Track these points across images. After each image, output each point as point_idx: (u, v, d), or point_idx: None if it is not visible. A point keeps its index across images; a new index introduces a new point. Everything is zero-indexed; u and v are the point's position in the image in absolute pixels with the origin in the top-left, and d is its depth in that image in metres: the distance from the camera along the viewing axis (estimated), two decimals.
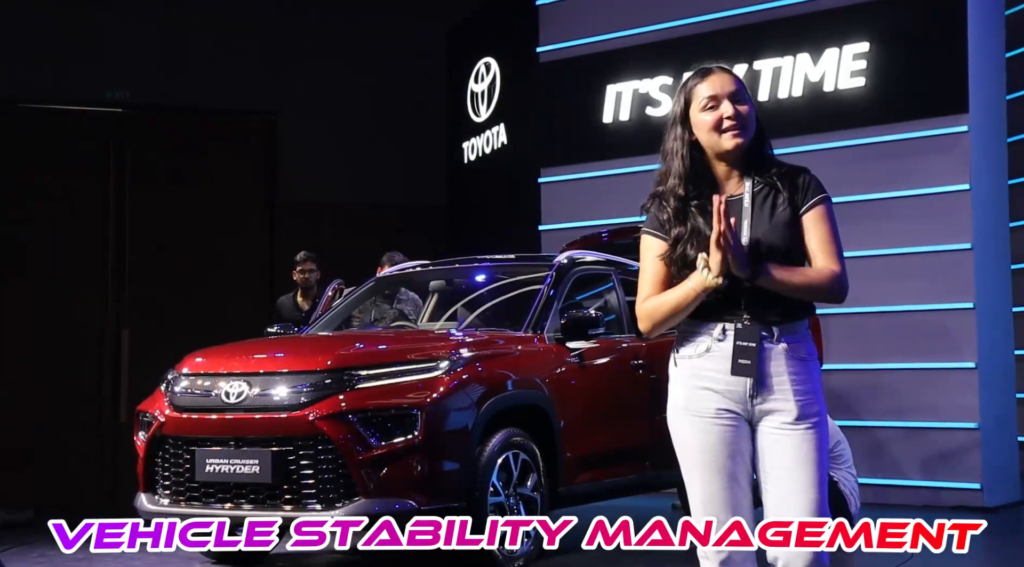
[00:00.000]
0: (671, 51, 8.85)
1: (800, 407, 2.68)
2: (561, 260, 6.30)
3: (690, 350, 2.75)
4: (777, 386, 2.68)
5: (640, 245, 2.84)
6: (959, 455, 7.54)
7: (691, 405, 2.73)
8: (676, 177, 2.75)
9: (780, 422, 2.68)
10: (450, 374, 5.12)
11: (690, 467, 2.75)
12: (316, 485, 4.93)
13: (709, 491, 2.71)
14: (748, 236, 2.69)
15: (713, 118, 2.71)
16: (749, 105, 2.74)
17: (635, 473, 6.15)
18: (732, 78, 2.75)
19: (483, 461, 5.12)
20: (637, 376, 6.14)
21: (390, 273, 6.89)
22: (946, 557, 5.90)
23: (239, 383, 5.17)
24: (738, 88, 2.73)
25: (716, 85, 2.73)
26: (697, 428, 2.72)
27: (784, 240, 2.70)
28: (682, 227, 2.72)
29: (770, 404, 2.69)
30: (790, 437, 2.67)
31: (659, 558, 5.97)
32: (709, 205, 2.64)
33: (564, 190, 9.38)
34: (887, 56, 7.87)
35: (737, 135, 2.71)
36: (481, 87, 10.63)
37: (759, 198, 2.73)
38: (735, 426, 2.71)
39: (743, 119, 2.71)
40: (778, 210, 2.71)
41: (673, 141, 2.77)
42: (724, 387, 2.70)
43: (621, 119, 9.12)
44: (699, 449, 2.72)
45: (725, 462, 2.70)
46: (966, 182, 7.49)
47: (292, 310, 7.98)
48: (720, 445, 2.70)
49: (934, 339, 7.62)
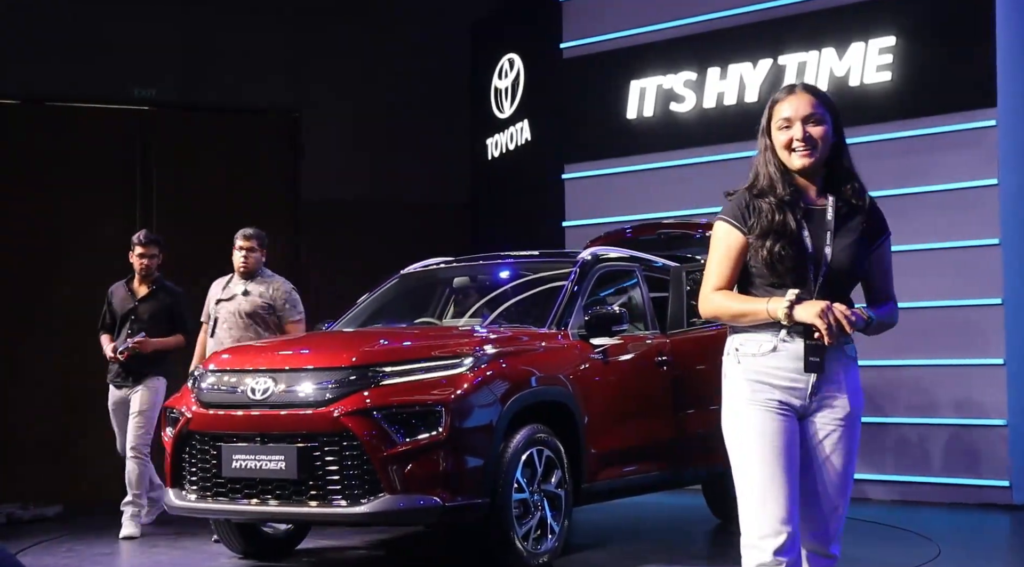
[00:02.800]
0: (695, 46, 8.83)
1: (850, 403, 2.91)
2: (585, 256, 6.28)
3: (754, 348, 2.90)
4: (834, 383, 2.90)
5: (713, 232, 3.00)
6: (987, 452, 7.48)
7: (755, 397, 2.89)
8: (770, 179, 2.93)
9: (832, 417, 2.90)
10: (474, 371, 5.13)
11: (749, 453, 2.88)
12: (341, 481, 4.94)
13: (769, 474, 2.84)
14: (831, 248, 2.88)
15: (785, 138, 2.92)
16: (826, 125, 2.91)
17: (659, 470, 6.13)
18: (811, 99, 2.92)
19: (507, 457, 5.12)
20: (661, 372, 6.13)
21: (414, 269, 6.90)
22: (973, 555, 5.86)
23: (265, 379, 5.19)
24: (814, 111, 2.90)
25: (792, 107, 2.92)
26: (761, 417, 2.87)
27: (855, 261, 2.91)
28: (779, 216, 2.87)
29: (826, 400, 2.90)
30: (838, 432, 2.90)
31: (681, 555, 5.98)
32: (798, 209, 2.88)
33: (588, 186, 9.37)
34: (913, 50, 7.81)
35: (805, 157, 2.90)
36: (505, 83, 10.63)
37: (841, 215, 2.93)
38: (792, 418, 2.89)
39: (813, 142, 2.90)
40: (856, 233, 2.92)
41: (763, 151, 2.98)
42: (788, 384, 2.88)
43: (645, 115, 9.10)
44: (761, 434, 2.86)
45: (786, 447, 2.86)
46: (994, 177, 7.43)
47: (125, 299, 6.93)
48: (781, 433, 2.86)
49: (962, 335, 7.56)
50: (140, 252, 6.91)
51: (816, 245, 2.87)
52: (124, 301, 6.94)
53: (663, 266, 6.61)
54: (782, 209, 2.88)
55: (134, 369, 6.80)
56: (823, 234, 2.89)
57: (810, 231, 2.88)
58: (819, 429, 2.90)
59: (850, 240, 2.90)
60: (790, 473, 2.84)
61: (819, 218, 2.90)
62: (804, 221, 2.88)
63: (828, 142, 2.91)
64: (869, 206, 2.95)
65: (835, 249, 2.88)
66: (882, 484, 7.87)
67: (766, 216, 2.88)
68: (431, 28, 10.75)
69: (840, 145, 2.95)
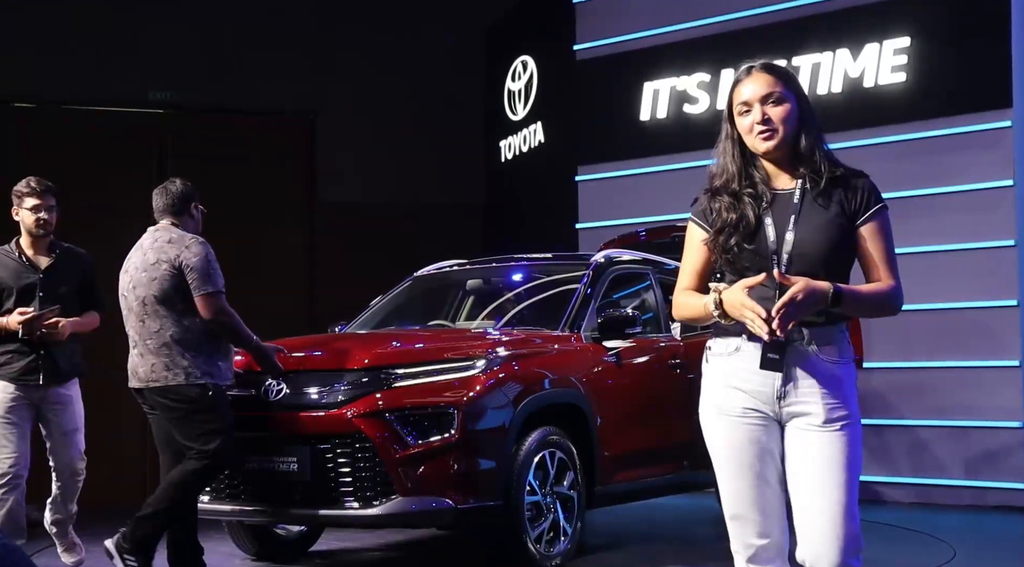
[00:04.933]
0: (709, 48, 8.82)
1: (827, 410, 2.67)
2: (598, 259, 6.28)
3: (721, 348, 2.77)
4: (805, 388, 2.68)
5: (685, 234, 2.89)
6: (1003, 454, 7.44)
7: (721, 403, 2.76)
8: (729, 173, 2.80)
9: (806, 424, 2.69)
10: (487, 373, 5.13)
11: (719, 464, 2.79)
12: (354, 483, 4.95)
13: (735, 488, 2.75)
14: (793, 234, 2.69)
15: (747, 124, 2.76)
16: (789, 104, 2.75)
17: (673, 473, 6.12)
18: (769, 79, 2.76)
19: (520, 460, 5.12)
20: (674, 375, 6.12)
21: (428, 271, 6.91)
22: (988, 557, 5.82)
23: (278, 381, 5.21)
24: (774, 89, 2.75)
25: (749, 90, 2.76)
26: (725, 426, 2.75)
27: (828, 243, 2.70)
28: (732, 215, 2.74)
29: (798, 406, 2.69)
30: (816, 438, 2.67)
31: (696, 556, 5.97)
32: (761, 199, 2.72)
33: (601, 188, 9.36)
34: (928, 51, 7.78)
35: (766, 139, 2.74)
36: (518, 85, 10.64)
37: (809, 197, 2.73)
38: (763, 426, 2.73)
39: (773, 123, 2.73)
40: (829, 213, 2.71)
41: (724, 139, 2.83)
42: (752, 386, 2.71)
43: (659, 117, 9.09)
44: (727, 447, 2.75)
45: (752, 461, 2.72)
46: (1009, 178, 7.39)
47: (20, 271, 5.13)
48: (747, 444, 2.72)
49: (977, 337, 7.52)
50: (34, 204, 5.13)
51: (778, 233, 2.70)
52: (18, 273, 5.11)
53: (676, 269, 6.60)
54: (740, 201, 2.74)
55: (58, 364, 5.15)
56: (787, 220, 2.71)
57: (774, 219, 2.71)
58: (794, 438, 2.69)
59: (820, 220, 2.69)
60: (760, 485, 2.71)
61: (784, 203, 2.73)
62: (769, 209, 2.72)
63: (793, 122, 2.74)
64: (850, 180, 2.73)
65: (797, 233, 2.69)
66: (898, 486, 7.84)
67: (722, 211, 2.75)
68: (445, 30, 10.76)
69: (807, 127, 2.76)
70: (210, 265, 4.81)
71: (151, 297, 4.84)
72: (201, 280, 4.78)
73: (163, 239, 4.93)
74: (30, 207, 5.18)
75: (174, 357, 4.81)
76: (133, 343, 4.98)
